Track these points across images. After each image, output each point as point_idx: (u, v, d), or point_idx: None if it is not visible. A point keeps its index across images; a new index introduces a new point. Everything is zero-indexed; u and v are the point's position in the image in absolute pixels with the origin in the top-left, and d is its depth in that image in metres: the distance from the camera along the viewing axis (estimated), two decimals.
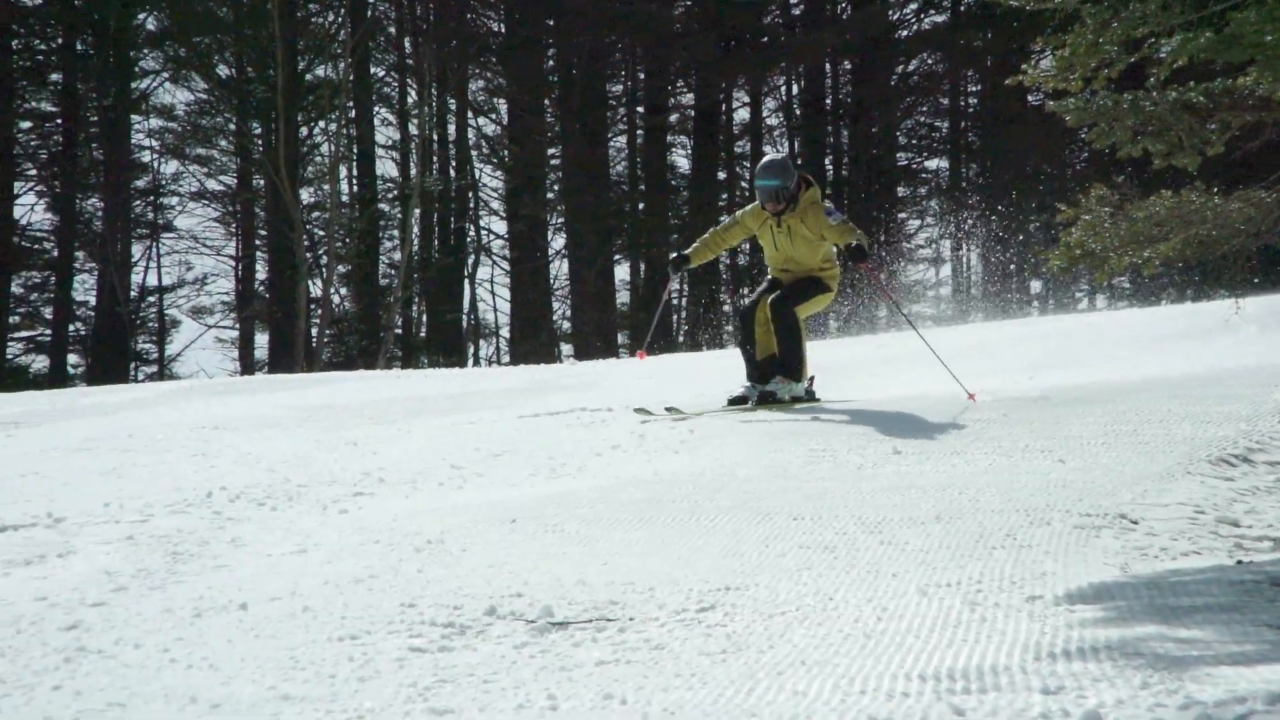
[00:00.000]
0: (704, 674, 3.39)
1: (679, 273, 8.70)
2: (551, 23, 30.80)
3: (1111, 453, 5.95)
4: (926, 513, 4.99)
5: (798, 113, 32.59)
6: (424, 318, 31.40)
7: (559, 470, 6.45)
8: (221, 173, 31.20)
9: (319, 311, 28.29)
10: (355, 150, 30.76)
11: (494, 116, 32.30)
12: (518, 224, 30.54)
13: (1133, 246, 5.68)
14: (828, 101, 32.47)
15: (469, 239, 31.66)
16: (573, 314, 30.41)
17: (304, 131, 30.07)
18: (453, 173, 31.25)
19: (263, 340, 30.50)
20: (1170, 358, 9.72)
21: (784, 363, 8.08)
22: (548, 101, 31.19)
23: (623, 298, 31.40)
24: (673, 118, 32.02)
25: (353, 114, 30.19)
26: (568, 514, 5.31)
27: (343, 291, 30.95)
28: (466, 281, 31.23)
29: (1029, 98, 28.25)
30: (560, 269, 31.30)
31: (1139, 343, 11.02)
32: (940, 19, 32.43)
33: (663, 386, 9.98)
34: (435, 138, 31.09)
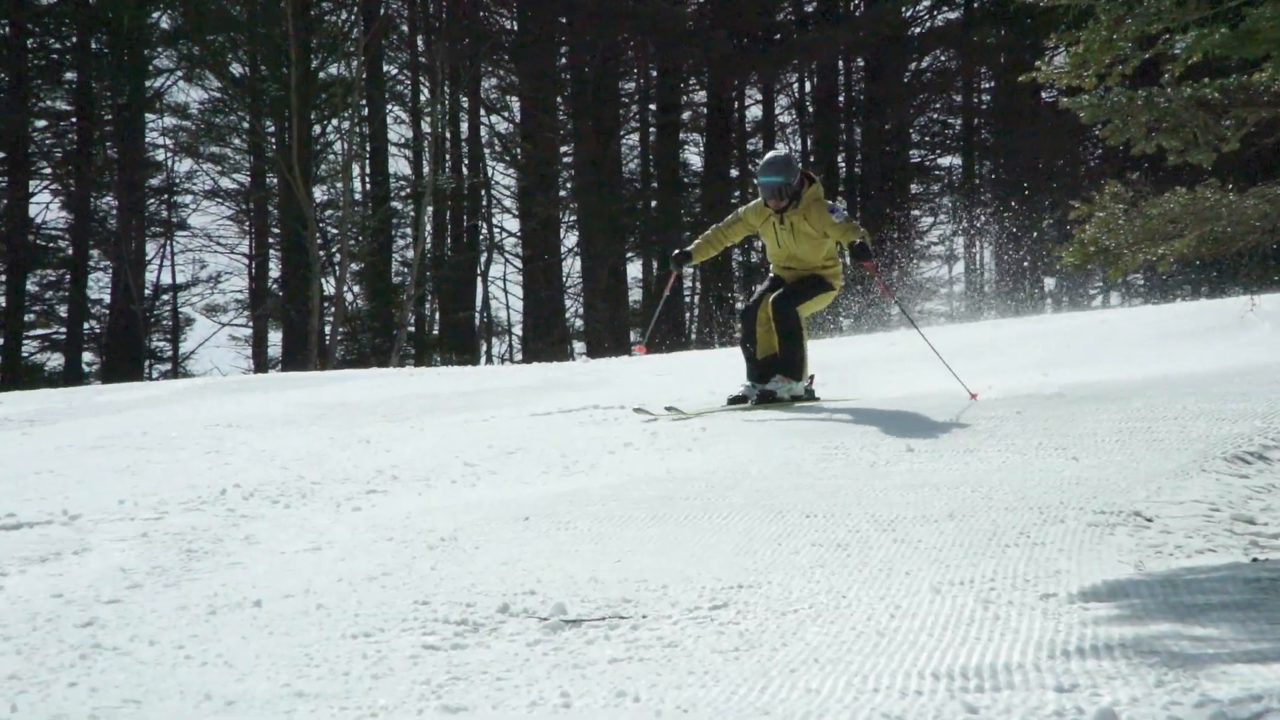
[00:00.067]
0: (717, 671, 3.39)
1: (681, 269, 8.69)
2: (564, 20, 30.81)
3: (1126, 450, 5.93)
4: (940, 510, 4.99)
5: (810, 110, 32.56)
6: (437, 315, 31.44)
7: (572, 468, 6.45)
8: (235, 171, 31.30)
9: (332, 309, 28.35)
10: (368, 148, 30.81)
11: (506, 114, 32.36)
12: (530, 222, 30.57)
13: (1147, 243, 5.66)
14: (840, 99, 32.41)
15: (481, 237, 31.69)
16: (585, 311, 30.43)
17: (317, 130, 30.14)
18: (465, 171, 31.29)
19: (276, 338, 30.59)
20: (1184, 355, 9.69)
21: (784, 362, 8.06)
22: (560, 99, 31.20)
23: (635, 295, 31.40)
24: (685, 115, 32.01)
25: (365, 112, 30.24)
26: (580, 512, 5.32)
27: (355, 289, 31.03)
28: (479, 279, 31.28)
29: (1042, 94, 28.18)
30: (573, 266, 31.35)
31: (1153, 340, 10.98)
32: (953, 16, 32.38)
33: (675, 384, 9.97)
34: (448, 136, 31.13)
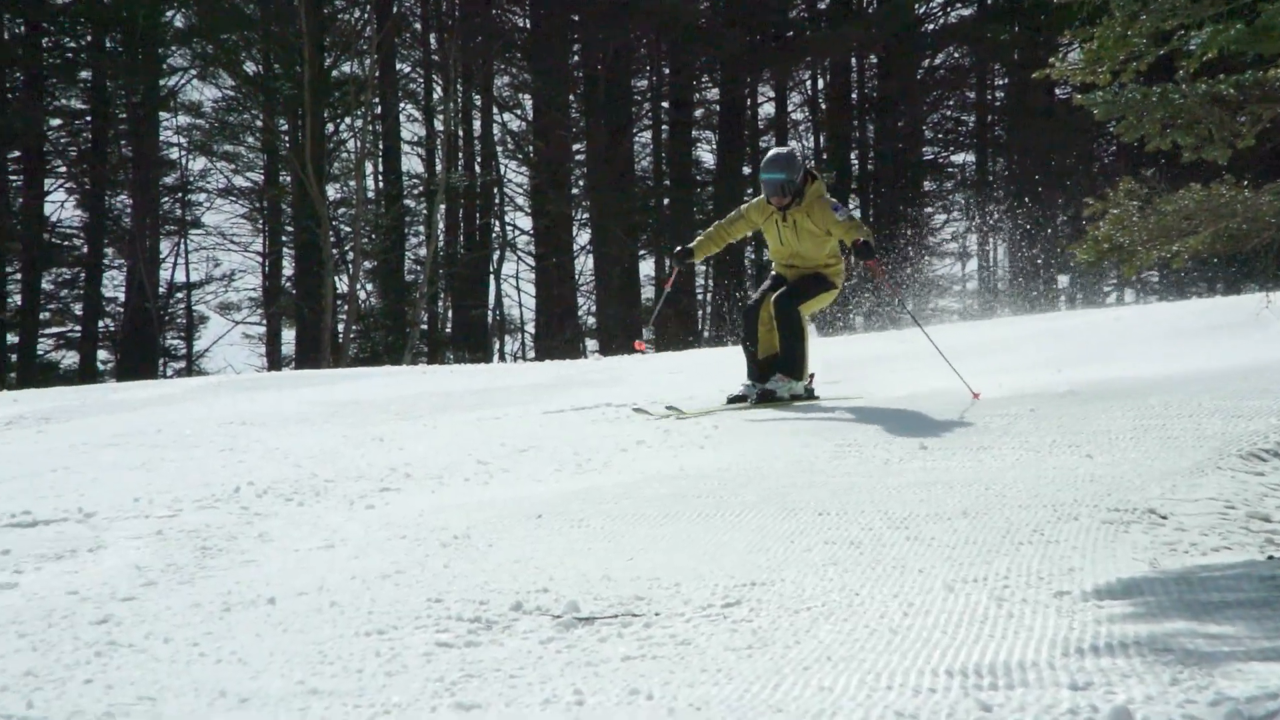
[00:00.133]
0: (730, 669, 3.38)
1: (683, 265, 8.69)
2: (576, 18, 30.82)
3: (1140, 448, 5.92)
4: (953, 508, 4.98)
5: (823, 107, 32.51)
6: (449, 313, 31.50)
7: (584, 466, 6.46)
8: (248, 169, 31.39)
9: (345, 307, 28.41)
10: (381, 146, 30.85)
11: (519, 112, 32.37)
12: (543, 219, 30.59)
13: (1161, 240, 5.64)
14: (853, 96, 32.36)
15: (494, 235, 31.73)
16: (598, 309, 30.44)
17: (330, 128, 30.20)
18: (478, 168, 31.31)
19: (289, 336, 30.67)
20: (1199, 352, 9.65)
21: (785, 361, 8.05)
22: (572, 97, 31.21)
23: (648, 293, 31.40)
24: (698, 113, 31.99)
25: (378, 110, 30.29)
26: (593, 509, 5.32)
27: (369, 287, 31.08)
28: (492, 277, 31.32)
29: (1056, 91, 28.10)
30: (585, 264, 31.35)
31: (1167, 337, 10.94)
32: (967, 12, 32.30)
33: (687, 382, 9.97)
34: (460, 133, 31.17)
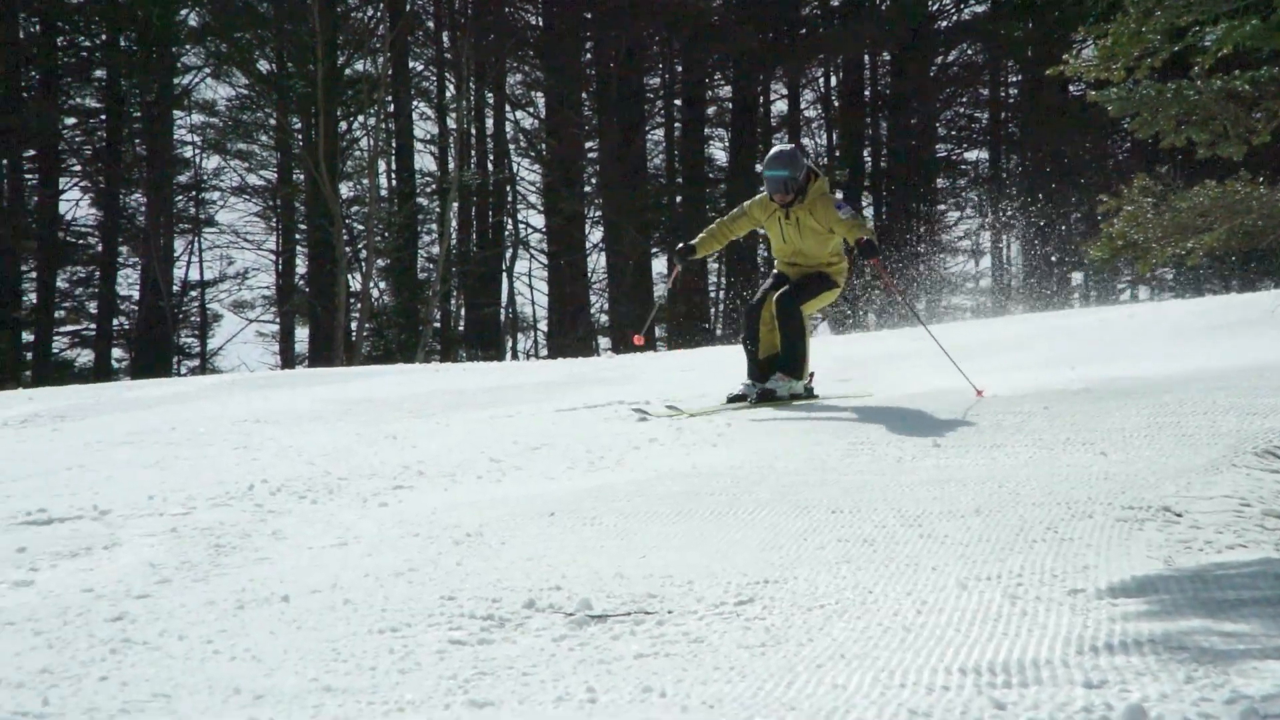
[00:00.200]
0: (743, 667, 3.38)
1: (684, 262, 8.68)
2: (589, 16, 30.81)
3: (1155, 445, 5.90)
4: (966, 506, 4.97)
5: (836, 104, 32.46)
6: (462, 311, 31.52)
7: (597, 463, 6.46)
8: (262, 167, 31.44)
9: (358, 305, 28.46)
10: (394, 144, 30.88)
11: (532, 110, 32.37)
12: (555, 217, 30.59)
13: (1176, 237, 5.62)
14: (866, 93, 32.31)
15: (507, 233, 31.75)
16: (610, 307, 30.44)
17: (343, 126, 30.25)
18: (490, 166, 31.33)
19: (303, 334, 30.74)
20: (1214, 350, 9.62)
21: (785, 360, 8.04)
22: (585, 95, 31.21)
23: (660, 291, 31.40)
24: (710, 110, 31.96)
25: (391, 108, 30.33)
26: (606, 507, 5.32)
27: (382, 285, 31.11)
28: (504, 275, 31.34)
29: (1070, 88, 28.00)
30: (598, 262, 31.35)
31: (1182, 335, 10.90)
32: (980, 9, 32.22)
33: (700, 380, 9.97)
34: (473, 131, 31.19)
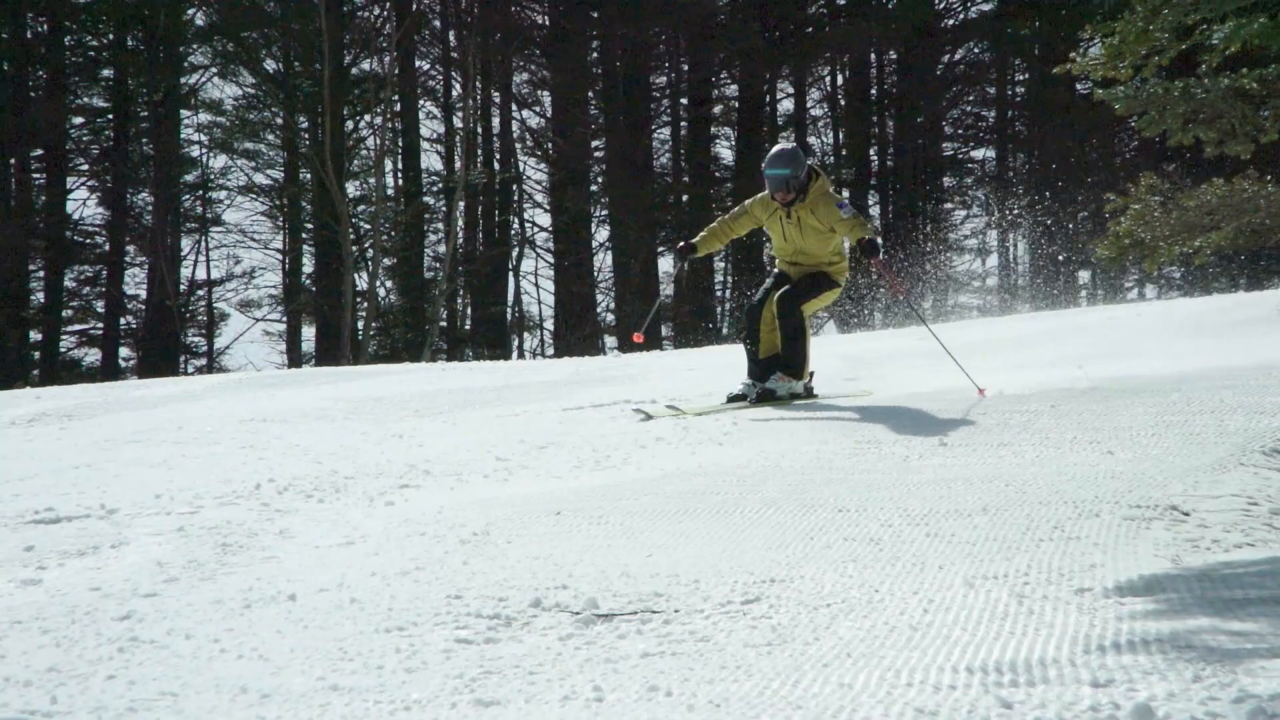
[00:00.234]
0: (749, 666, 3.38)
1: (685, 260, 8.69)
2: (595, 15, 30.82)
3: (1162, 444, 5.88)
4: (973, 505, 4.96)
5: (842, 103, 32.43)
6: (469, 310, 31.54)
7: (603, 462, 6.46)
8: (269, 167, 31.48)
9: (365, 305, 28.49)
10: (400, 144, 30.93)
11: (538, 109, 32.41)
12: (562, 216, 30.60)
13: (1183, 235, 5.61)
14: (873, 91, 32.27)
15: (513, 232, 31.76)
16: (616, 306, 30.44)
17: (350, 125, 30.29)
18: (497, 166, 31.35)
19: (309, 333, 30.76)
20: (1221, 348, 9.60)
21: (786, 360, 8.03)
22: (591, 94, 31.21)
23: (666, 290, 31.41)
24: (717, 109, 31.96)
25: (398, 107, 30.37)
26: (612, 506, 5.32)
27: (388, 285, 31.17)
28: (511, 274, 31.34)
29: (1077, 86, 27.97)
30: (604, 261, 31.37)
31: (1189, 333, 10.88)
32: (987, 7, 32.18)
33: (707, 379, 9.96)
34: (479, 131, 31.21)
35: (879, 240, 7.86)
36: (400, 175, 31.26)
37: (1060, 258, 25.21)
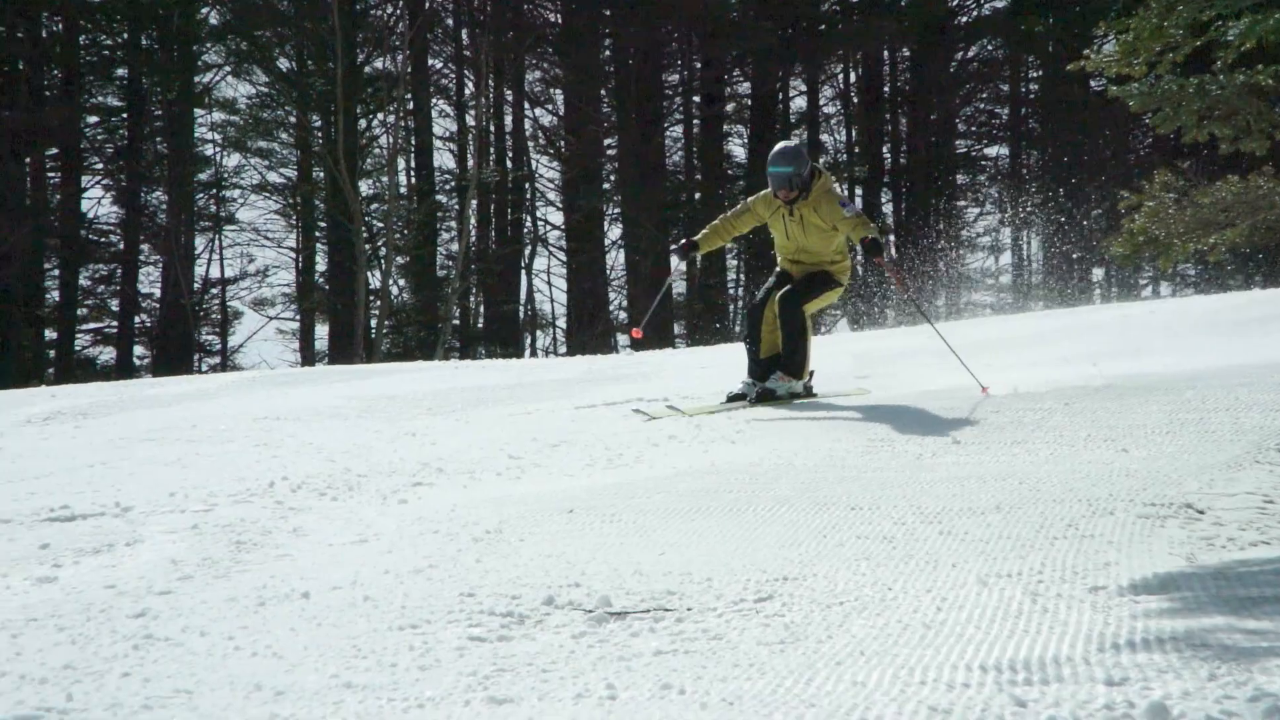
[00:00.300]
0: (762, 664, 3.38)
1: (687, 258, 8.68)
2: (607, 13, 30.82)
3: (1177, 442, 5.86)
4: (986, 503, 4.95)
5: (855, 101, 32.38)
6: (481, 309, 31.59)
7: (616, 461, 6.46)
8: (282, 165, 31.56)
9: (378, 303, 28.54)
10: (413, 142, 30.97)
11: (550, 107, 32.41)
12: (574, 215, 30.62)
13: (1198, 233, 5.59)
14: (886, 89, 32.22)
15: (526, 230, 31.79)
16: (629, 304, 30.44)
17: (363, 124, 30.35)
18: (509, 164, 31.38)
19: (323, 331, 30.84)
20: (1236, 346, 9.56)
21: (786, 360, 8.02)
22: (604, 92, 31.21)
23: (679, 288, 31.40)
24: (729, 107, 31.93)
25: (410, 106, 30.41)
26: (625, 504, 5.32)
27: (401, 283, 31.20)
28: (523, 272, 31.39)
29: (1091, 83, 27.86)
30: (617, 259, 31.37)
31: (1204, 331, 10.84)
32: (1000, 4, 32.10)
33: (718, 377, 9.96)
34: (492, 129, 31.24)
35: (882, 239, 7.84)
36: (413, 173, 31.32)
37: (1074, 255, 25.13)
